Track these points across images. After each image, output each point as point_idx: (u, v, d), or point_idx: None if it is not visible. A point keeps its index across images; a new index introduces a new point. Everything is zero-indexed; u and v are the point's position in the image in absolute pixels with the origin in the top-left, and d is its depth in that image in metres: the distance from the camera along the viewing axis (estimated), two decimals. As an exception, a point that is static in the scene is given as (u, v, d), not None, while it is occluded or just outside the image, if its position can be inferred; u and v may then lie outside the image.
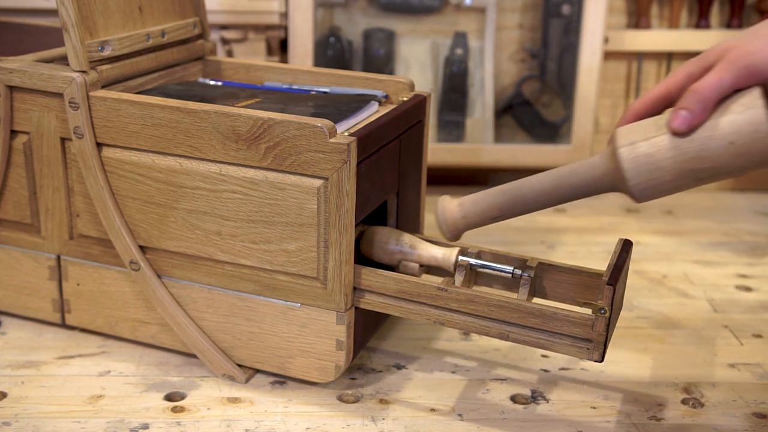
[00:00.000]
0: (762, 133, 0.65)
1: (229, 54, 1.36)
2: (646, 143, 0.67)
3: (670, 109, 0.69)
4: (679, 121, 0.66)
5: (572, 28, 1.37)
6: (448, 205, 0.79)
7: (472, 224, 0.78)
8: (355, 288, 0.84)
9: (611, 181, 0.70)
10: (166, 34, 0.96)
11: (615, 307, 0.78)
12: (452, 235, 0.79)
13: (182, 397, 0.86)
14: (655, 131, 0.67)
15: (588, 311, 0.83)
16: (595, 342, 0.76)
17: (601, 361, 0.77)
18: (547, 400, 0.88)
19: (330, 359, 0.85)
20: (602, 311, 0.75)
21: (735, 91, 0.67)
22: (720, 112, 0.66)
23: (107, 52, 0.87)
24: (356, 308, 0.85)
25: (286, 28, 1.37)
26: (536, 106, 1.44)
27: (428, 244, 0.88)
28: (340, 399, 0.87)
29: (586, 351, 0.77)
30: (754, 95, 0.66)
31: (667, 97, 0.71)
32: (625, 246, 0.83)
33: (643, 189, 0.68)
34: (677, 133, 0.66)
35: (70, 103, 0.85)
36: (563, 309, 0.77)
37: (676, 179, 0.67)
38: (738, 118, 0.65)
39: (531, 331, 0.79)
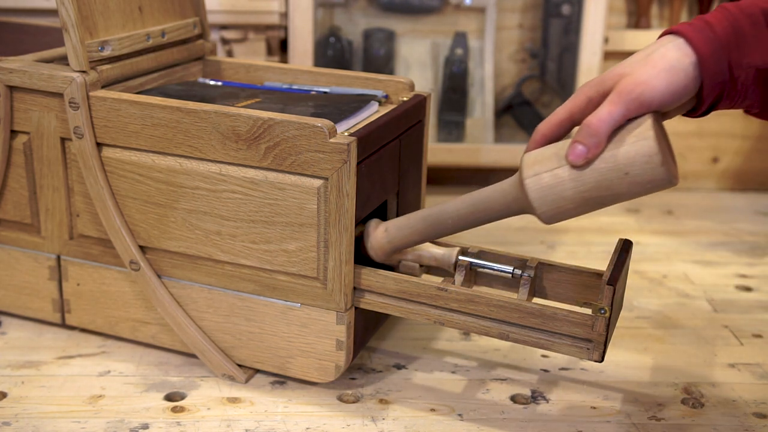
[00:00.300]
0: (654, 163, 0.67)
1: (229, 54, 1.36)
2: (549, 174, 0.71)
3: (576, 128, 0.71)
4: (575, 155, 0.69)
5: (572, 28, 1.37)
6: (373, 231, 0.84)
7: (397, 248, 0.84)
8: (355, 288, 0.84)
9: (521, 206, 0.74)
10: (166, 34, 0.96)
11: (615, 307, 0.78)
12: (379, 258, 0.85)
13: (182, 397, 0.86)
14: (557, 162, 0.71)
15: (588, 311, 0.83)
16: (595, 342, 0.76)
17: (601, 361, 0.77)
18: (547, 400, 0.88)
19: (330, 359, 0.85)
20: (602, 311, 0.75)
21: (629, 119, 0.69)
22: (615, 142, 0.68)
23: (107, 52, 0.87)
24: (356, 308, 0.85)
25: (286, 28, 1.37)
26: (536, 106, 1.43)
27: (428, 244, 0.87)
28: (340, 399, 0.87)
29: (586, 351, 0.77)
30: (646, 126, 0.68)
31: (570, 119, 0.74)
32: (625, 246, 0.83)
33: (550, 216, 0.72)
34: (575, 167, 0.70)
35: (70, 103, 0.85)
36: (563, 309, 0.77)
37: (579, 206, 0.71)
38: (631, 149, 0.68)
39: (531, 331, 0.79)
